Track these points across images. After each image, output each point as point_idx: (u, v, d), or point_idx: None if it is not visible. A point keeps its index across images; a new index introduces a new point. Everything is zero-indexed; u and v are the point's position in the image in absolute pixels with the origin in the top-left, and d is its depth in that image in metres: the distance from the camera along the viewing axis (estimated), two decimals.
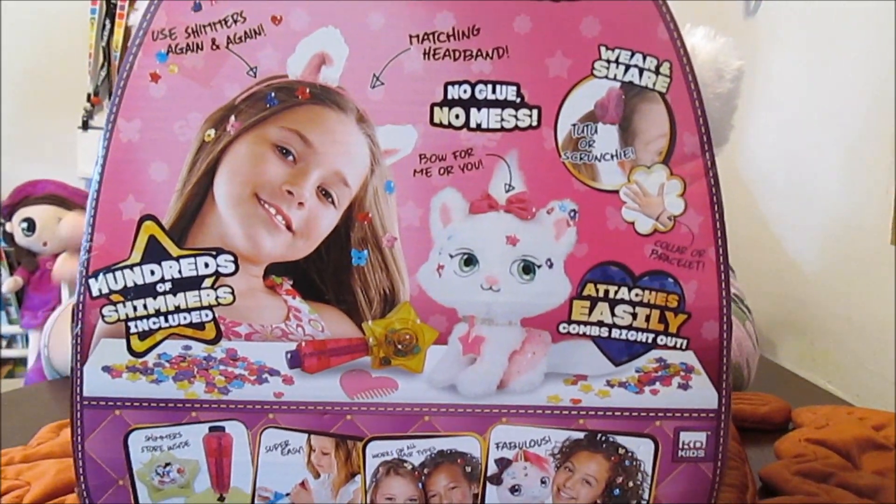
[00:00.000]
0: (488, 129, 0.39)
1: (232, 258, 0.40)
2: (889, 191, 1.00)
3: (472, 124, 0.39)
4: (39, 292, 1.92)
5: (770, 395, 0.74)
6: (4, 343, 2.12)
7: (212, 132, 0.40)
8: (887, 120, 1.00)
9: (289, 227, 0.40)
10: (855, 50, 1.11)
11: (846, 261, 1.11)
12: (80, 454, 0.41)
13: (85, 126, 1.99)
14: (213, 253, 0.40)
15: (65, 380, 0.76)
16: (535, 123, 0.39)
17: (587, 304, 0.40)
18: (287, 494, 0.41)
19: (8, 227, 1.88)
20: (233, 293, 0.40)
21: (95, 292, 0.40)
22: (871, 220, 1.03)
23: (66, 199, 1.80)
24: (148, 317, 0.40)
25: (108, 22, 1.95)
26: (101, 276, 0.40)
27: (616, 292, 0.40)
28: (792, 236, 1.27)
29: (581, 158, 0.40)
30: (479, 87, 0.39)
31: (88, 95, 2.00)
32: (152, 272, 0.40)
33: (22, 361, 2.07)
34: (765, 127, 1.33)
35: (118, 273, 0.40)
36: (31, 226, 1.84)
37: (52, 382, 0.78)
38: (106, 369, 0.40)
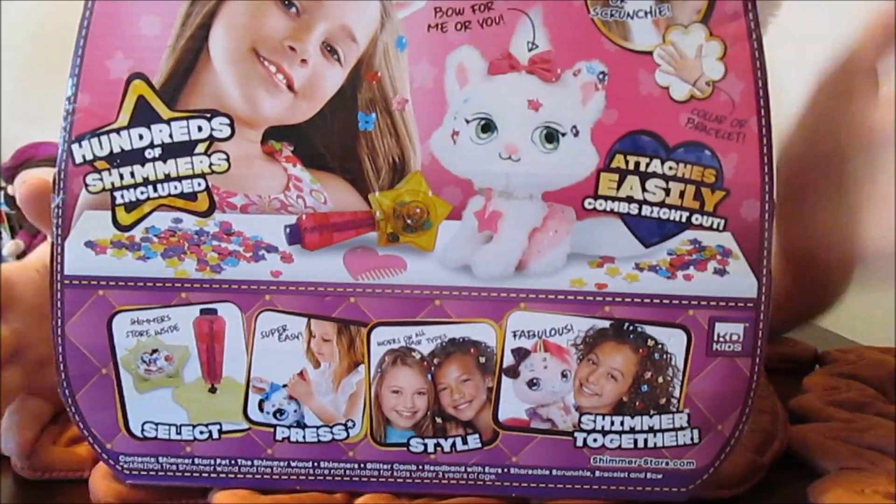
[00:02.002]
0: None
1: (227, 121, 0.37)
2: None
3: None
4: None
5: (794, 339, 0.71)
6: None
7: None
8: None
9: (290, 87, 0.37)
10: None
11: None
12: (59, 340, 0.38)
13: None
14: (208, 115, 0.37)
15: None
16: None
17: (615, 177, 0.36)
18: (284, 386, 0.38)
19: (10, 189, 1.86)
20: (228, 160, 0.37)
21: (79, 159, 0.37)
22: None
23: None
24: (135, 186, 0.37)
25: None
26: (85, 141, 0.37)
27: (648, 165, 0.36)
28: None
29: (612, 15, 0.36)
30: None
31: None
32: (141, 136, 0.37)
33: None
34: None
35: (104, 137, 0.37)
36: None
37: None
38: (89, 244, 0.37)
